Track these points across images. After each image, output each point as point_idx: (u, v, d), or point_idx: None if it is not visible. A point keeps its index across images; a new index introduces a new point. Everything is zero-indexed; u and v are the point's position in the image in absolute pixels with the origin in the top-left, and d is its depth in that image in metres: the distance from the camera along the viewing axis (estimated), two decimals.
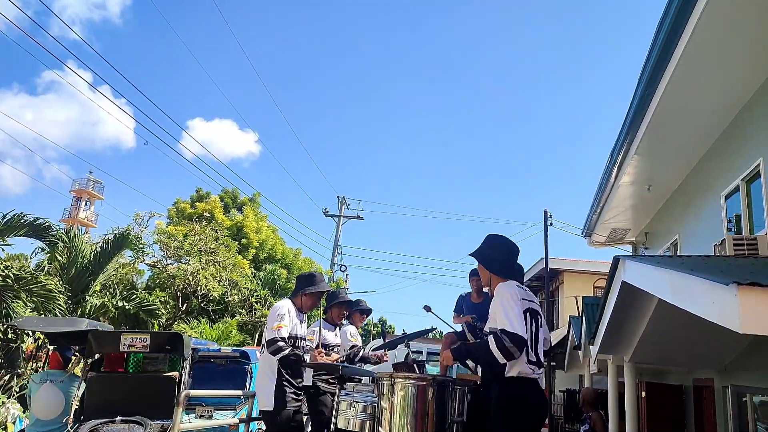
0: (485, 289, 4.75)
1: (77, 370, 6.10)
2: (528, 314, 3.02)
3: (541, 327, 3.15)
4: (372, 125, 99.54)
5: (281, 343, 4.16)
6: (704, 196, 7.40)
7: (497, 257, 3.27)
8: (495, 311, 3.01)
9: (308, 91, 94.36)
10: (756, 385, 5.27)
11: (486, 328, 3.19)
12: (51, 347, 7.07)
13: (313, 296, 4.56)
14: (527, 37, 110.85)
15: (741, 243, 5.31)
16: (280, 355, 4.15)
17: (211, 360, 7.34)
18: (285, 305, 4.39)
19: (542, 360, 3.09)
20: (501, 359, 2.87)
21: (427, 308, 5.16)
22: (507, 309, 2.92)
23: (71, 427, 5.11)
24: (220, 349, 7.91)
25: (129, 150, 74.67)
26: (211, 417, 6.35)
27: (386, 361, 5.64)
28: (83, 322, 6.36)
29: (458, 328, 5.93)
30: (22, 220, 11.10)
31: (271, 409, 4.17)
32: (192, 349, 6.40)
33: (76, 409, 5.42)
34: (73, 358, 6.12)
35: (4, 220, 10.75)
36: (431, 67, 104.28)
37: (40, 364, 10.98)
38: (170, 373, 5.66)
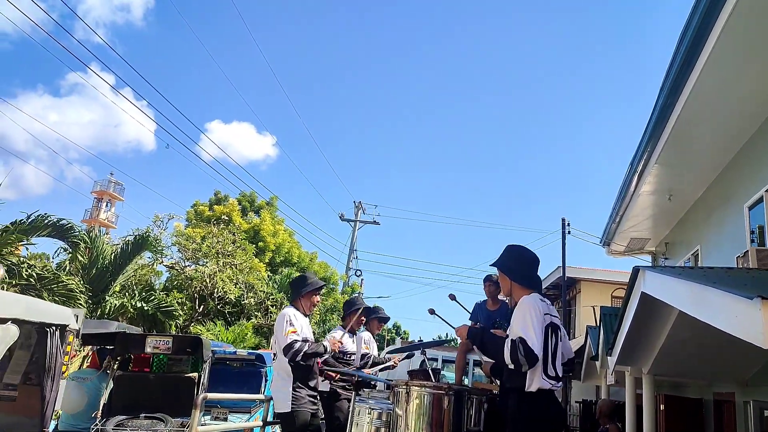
0: (505, 299, 4.72)
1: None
2: (549, 329, 3.02)
3: (561, 341, 3.14)
4: (390, 131, 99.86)
5: (299, 344, 4.20)
6: (727, 207, 7.28)
7: (518, 267, 3.29)
8: (516, 322, 3.01)
9: (327, 96, 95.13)
10: None
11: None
12: (90, 348, 7.45)
13: (310, 295, 4.62)
14: (549, 48, 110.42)
15: (765, 255, 5.21)
16: (300, 356, 4.18)
17: (228, 362, 7.42)
18: (290, 312, 4.45)
19: (560, 374, 3.08)
20: (510, 365, 2.90)
21: (432, 311, 5.13)
22: (528, 323, 2.93)
23: (99, 422, 5.38)
24: (236, 351, 7.99)
25: (150, 152, 75.81)
26: (226, 419, 6.44)
27: (395, 365, 5.62)
28: (112, 324, 6.70)
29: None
30: (46, 221, 11.34)
31: (288, 410, 4.21)
32: (211, 351, 6.58)
33: (104, 405, 5.71)
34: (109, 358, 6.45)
35: (29, 221, 10.99)
36: (451, 75, 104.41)
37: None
38: (190, 374, 5.90)
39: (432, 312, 5.10)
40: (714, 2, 4.57)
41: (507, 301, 5.04)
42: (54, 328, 4.36)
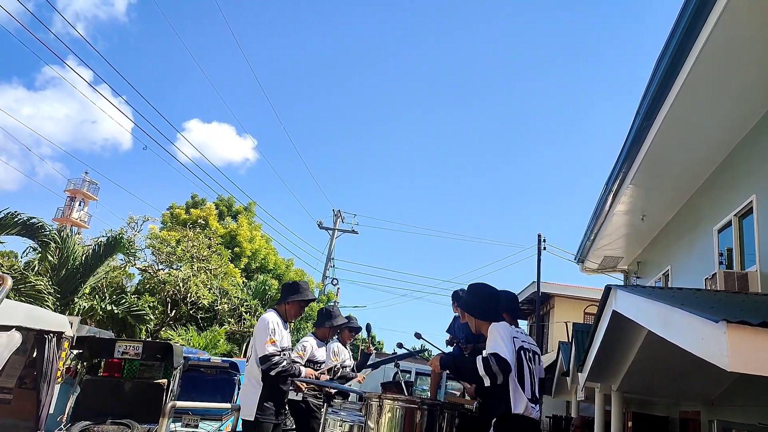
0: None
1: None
2: (522, 352, 3.08)
3: (536, 366, 3.19)
4: (372, 142, 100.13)
5: (276, 358, 4.15)
6: (697, 229, 7.48)
7: (479, 304, 3.34)
8: (488, 344, 3.07)
9: (310, 103, 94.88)
10: (742, 420, 5.29)
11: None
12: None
13: (297, 305, 4.58)
14: (529, 64, 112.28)
15: (732, 278, 5.37)
16: (276, 370, 4.13)
17: (201, 369, 7.31)
18: (273, 318, 4.38)
19: (536, 396, 3.12)
20: (486, 381, 2.91)
21: (418, 335, 5.14)
22: (497, 339, 3.00)
23: (64, 427, 5.27)
24: (210, 358, 7.88)
25: (126, 151, 74.30)
26: (196, 426, 6.34)
27: (360, 382, 5.59)
28: (83, 328, 6.58)
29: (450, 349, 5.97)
30: (16, 219, 11.06)
31: (252, 419, 4.15)
32: (183, 357, 6.48)
33: (70, 410, 5.60)
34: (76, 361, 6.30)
35: None
36: (433, 90, 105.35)
37: None
38: (159, 380, 5.83)
39: (418, 336, 5.11)
40: (688, 34, 4.74)
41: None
42: (51, 335, 4.49)
